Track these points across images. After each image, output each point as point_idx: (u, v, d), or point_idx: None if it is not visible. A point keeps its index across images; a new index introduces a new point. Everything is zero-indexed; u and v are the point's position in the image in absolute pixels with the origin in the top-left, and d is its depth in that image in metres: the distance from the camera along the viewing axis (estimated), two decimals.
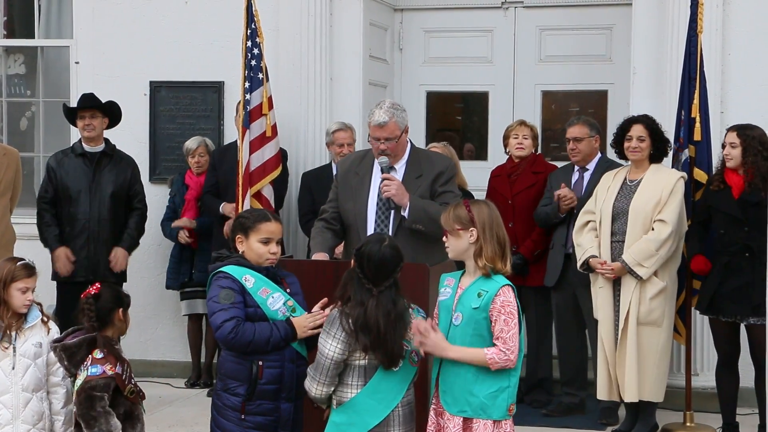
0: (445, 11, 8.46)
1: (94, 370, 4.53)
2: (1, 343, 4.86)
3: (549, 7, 8.30)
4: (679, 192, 6.22)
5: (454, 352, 4.21)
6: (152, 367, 8.06)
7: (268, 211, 5.02)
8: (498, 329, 4.19)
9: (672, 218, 6.15)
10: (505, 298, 4.23)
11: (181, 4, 8.14)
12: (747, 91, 7.26)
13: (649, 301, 6.19)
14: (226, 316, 4.45)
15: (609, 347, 6.31)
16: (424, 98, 8.57)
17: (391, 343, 4.23)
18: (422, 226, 5.36)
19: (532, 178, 7.19)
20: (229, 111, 7.99)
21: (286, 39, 7.86)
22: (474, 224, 4.30)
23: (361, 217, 5.53)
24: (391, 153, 5.50)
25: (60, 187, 7.22)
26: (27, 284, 4.88)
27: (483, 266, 4.27)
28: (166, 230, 7.86)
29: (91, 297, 4.66)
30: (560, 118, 8.42)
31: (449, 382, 4.26)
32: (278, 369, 4.53)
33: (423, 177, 5.55)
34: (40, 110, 8.71)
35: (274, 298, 4.56)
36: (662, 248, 6.14)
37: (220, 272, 4.57)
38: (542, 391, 7.17)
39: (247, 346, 4.46)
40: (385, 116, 5.47)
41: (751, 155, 6.10)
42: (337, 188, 5.71)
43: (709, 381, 6.90)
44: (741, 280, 6.09)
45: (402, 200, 5.39)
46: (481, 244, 4.29)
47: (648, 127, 6.35)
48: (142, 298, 7.83)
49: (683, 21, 6.88)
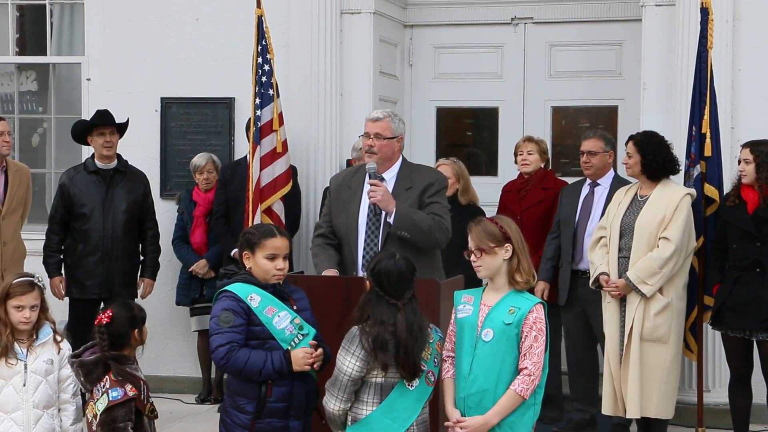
0: (455, 27, 8.47)
1: (115, 394, 4.51)
2: (7, 361, 4.86)
3: (559, 22, 8.31)
4: (684, 209, 6.17)
5: (495, 417, 4.24)
6: (163, 383, 8.05)
7: (274, 226, 5.01)
8: (527, 345, 4.21)
9: (676, 236, 6.11)
10: (537, 315, 4.26)
11: (192, 20, 8.17)
12: (757, 106, 7.25)
13: (654, 318, 6.15)
14: (222, 341, 4.45)
15: (614, 363, 6.29)
16: (434, 114, 8.59)
17: (413, 355, 4.24)
18: (407, 233, 5.37)
19: (541, 194, 7.18)
20: (239, 127, 8.01)
21: (297, 55, 7.88)
22: (509, 240, 4.31)
23: (353, 230, 5.56)
24: (377, 153, 5.51)
25: (73, 204, 7.26)
26: (21, 302, 4.85)
27: (523, 280, 4.29)
28: (177, 252, 7.87)
29: (104, 326, 4.61)
30: (570, 134, 8.42)
31: (477, 398, 4.27)
32: (287, 387, 4.53)
33: (412, 189, 5.58)
34: (52, 127, 8.75)
35: (280, 317, 4.55)
36: (666, 266, 6.11)
37: (225, 291, 4.56)
38: (553, 408, 7.14)
39: (239, 373, 4.47)
40: (380, 114, 5.59)
41: (764, 171, 6.09)
42: (330, 202, 5.73)
43: (721, 397, 6.87)
44: (749, 295, 6.07)
45: (388, 206, 5.41)
46: (518, 259, 4.30)
47: (637, 143, 6.32)
48: (152, 314, 7.74)
49: (693, 37, 6.88)
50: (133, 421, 4.53)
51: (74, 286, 7.29)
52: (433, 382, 4.38)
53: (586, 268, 6.65)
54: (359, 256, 5.50)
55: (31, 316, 4.89)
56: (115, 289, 7.19)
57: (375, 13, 7.97)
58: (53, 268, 7.31)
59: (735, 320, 6.15)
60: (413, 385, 4.32)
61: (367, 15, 7.95)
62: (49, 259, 7.31)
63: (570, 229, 6.88)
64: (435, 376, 4.39)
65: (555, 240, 6.98)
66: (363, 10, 7.94)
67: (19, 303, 4.86)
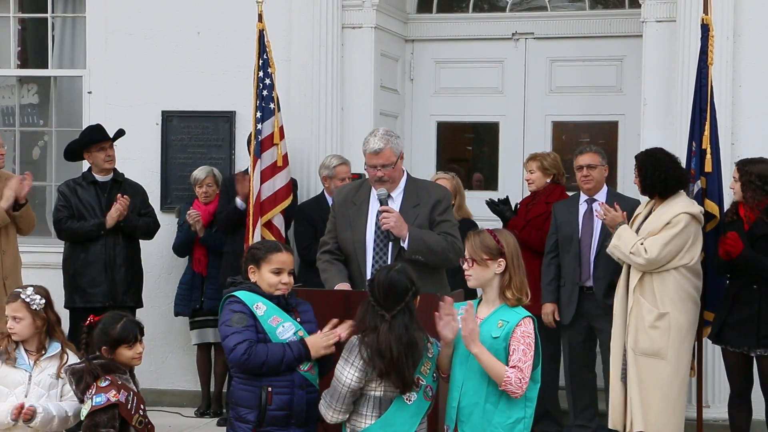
0: (456, 42, 8.50)
1: (98, 399, 4.54)
2: (6, 361, 4.93)
3: (560, 38, 8.33)
4: (675, 226, 6.12)
5: (479, 350, 4.20)
6: (162, 396, 8.05)
7: (279, 242, 5.08)
8: (516, 359, 4.20)
9: (652, 250, 6.07)
10: (525, 329, 4.25)
11: (194, 34, 8.19)
12: (758, 122, 7.26)
13: (649, 330, 6.14)
14: (239, 339, 4.48)
15: (614, 376, 6.30)
16: (434, 128, 8.60)
17: (403, 368, 4.24)
18: (422, 256, 5.38)
19: (543, 208, 7.20)
20: (240, 141, 8.02)
21: (298, 69, 7.89)
22: (503, 255, 4.31)
23: (360, 246, 5.55)
24: (388, 180, 5.52)
25: (74, 213, 7.30)
26: (7, 312, 4.96)
27: (513, 297, 4.28)
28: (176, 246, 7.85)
29: (85, 328, 4.72)
30: (570, 149, 8.42)
31: (467, 411, 4.26)
32: (287, 395, 4.55)
33: (420, 206, 5.57)
34: (53, 140, 8.75)
35: (284, 328, 4.59)
36: (629, 259, 6.13)
37: (232, 296, 4.60)
38: (550, 422, 7.13)
39: (260, 366, 4.48)
40: (380, 143, 5.50)
41: (749, 190, 6.13)
42: (335, 218, 5.73)
43: (721, 413, 6.85)
44: (748, 312, 6.08)
45: (401, 232, 5.42)
46: (510, 275, 4.30)
47: (637, 163, 6.33)
48: (152, 327, 7.81)
49: (694, 53, 6.89)
50: (117, 428, 4.52)
51: (77, 295, 7.30)
52: (431, 397, 4.38)
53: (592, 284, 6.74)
54: (368, 272, 5.48)
55: (14, 326, 4.95)
56: (119, 297, 7.24)
57: (376, 28, 7.99)
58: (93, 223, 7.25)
59: (734, 336, 6.15)
60: (411, 400, 4.32)
61: (368, 29, 7.97)
62: (83, 227, 7.25)
63: (573, 248, 6.86)
64: (433, 390, 4.39)
65: (554, 260, 6.96)
66: (364, 25, 7.96)
67: (6, 312, 4.98)
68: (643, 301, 6.18)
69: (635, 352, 6.17)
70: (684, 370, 6.29)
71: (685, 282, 6.22)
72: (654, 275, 6.17)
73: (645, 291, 6.20)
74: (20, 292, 5.01)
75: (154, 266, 8.04)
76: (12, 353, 4.93)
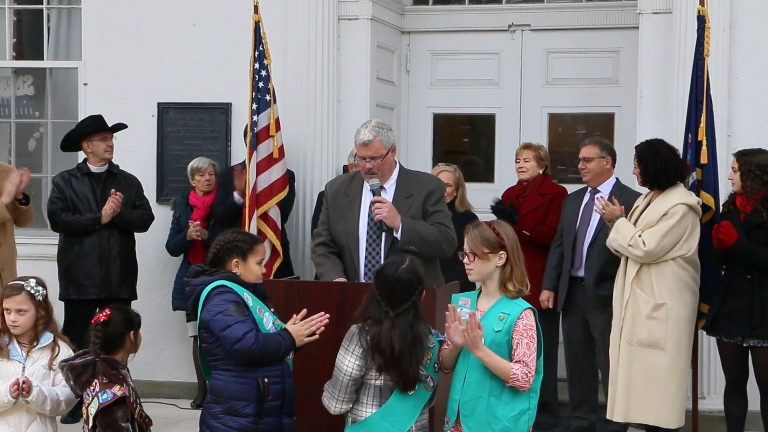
0: (452, 34, 8.48)
1: (105, 396, 4.52)
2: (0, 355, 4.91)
3: (556, 30, 8.32)
4: (672, 217, 6.15)
5: (483, 353, 4.19)
6: (158, 388, 8.05)
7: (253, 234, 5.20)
8: (520, 353, 4.19)
9: (651, 242, 6.11)
10: (527, 322, 4.24)
11: (189, 26, 8.17)
12: (754, 114, 7.26)
13: (646, 321, 6.16)
14: (247, 328, 4.47)
15: (612, 366, 6.33)
16: (431, 120, 8.59)
17: (406, 366, 4.24)
18: (415, 247, 5.37)
19: (538, 200, 7.20)
20: (236, 132, 8.01)
21: (294, 61, 7.88)
22: (504, 247, 4.30)
23: (353, 238, 5.55)
24: (377, 172, 5.51)
25: (68, 205, 7.29)
26: (7, 305, 4.91)
27: (515, 289, 4.28)
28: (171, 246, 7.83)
29: (100, 324, 4.64)
30: (567, 141, 8.43)
31: (471, 406, 4.26)
32: (280, 385, 4.60)
33: (413, 197, 5.57)
34: (49, 131, 8.74)
35: (266, 317, 4.64)
36: (627, 251, 6.17)
37: (222, 286, 4.57)
38: (548, 414, 7.14)
39: (268, 355, 4.49)
40: (369, 135, 5.49)
41: (749, 180, 6.13)
42: (327, 210, 5.73)
43: (716, 404, 6.86)
44: (742, 302, 6.09)
45: (394, 222, 5.42)
46: (512, 267, 4.30)
47: (636, 154, 6.36)
48: (148, 319, 7.71)
49: (690, 44, 6.89)
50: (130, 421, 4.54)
51: (72, 287, 7.30)
52: (432, 387, 4.38)
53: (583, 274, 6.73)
54: (361, 264, 5.50)
55: (18, 319, 4.90)
56: (113, 289, 7.24)
57: (372, 20, 7.97)
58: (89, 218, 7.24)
59: (727, 326, 6.16)
60: (413, 389, 4.32)
61: (364, 21, 7.96)
62: (78, 220, 7.25)
63: (570, 237, 6.90)
64: (434, 381, 4.39)
65: (558, 248, 7.01)
66: (360, 16, 7.95)
67: (7, 306, 4.91)
68: (639, 292, 6.19)
69: (631, 343, 6.18)
70: (684, 362, 6.31)
71: (683, 273, 6.24)
72: (652, 266, 6.19)
73: (643, 282, 6.22)
74: (23, 284, 4.95)
75: (150, 258, 8.03)
76: (5, 347, 4.91)
